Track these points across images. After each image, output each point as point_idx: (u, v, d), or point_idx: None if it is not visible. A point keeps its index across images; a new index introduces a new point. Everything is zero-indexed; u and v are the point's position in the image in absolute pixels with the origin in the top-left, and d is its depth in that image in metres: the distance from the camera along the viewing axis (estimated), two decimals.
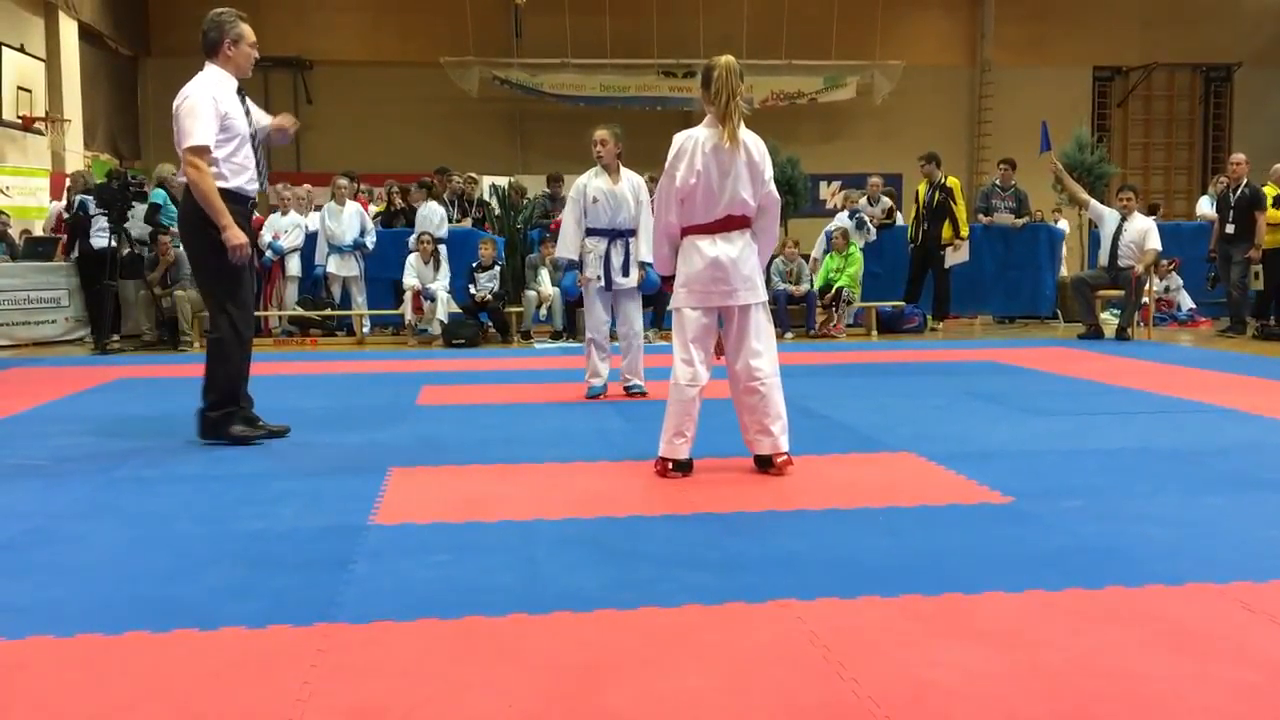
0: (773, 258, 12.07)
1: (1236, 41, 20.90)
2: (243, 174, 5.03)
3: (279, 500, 3.96)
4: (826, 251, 11.81)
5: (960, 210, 11.79)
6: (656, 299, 10.85)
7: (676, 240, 4.40)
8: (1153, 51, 20.88)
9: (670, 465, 4.29)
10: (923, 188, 12.00)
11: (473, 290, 10.82)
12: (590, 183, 6.51)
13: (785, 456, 4.34)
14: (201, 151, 4.86)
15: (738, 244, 4.31)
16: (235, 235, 4.87)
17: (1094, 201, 11.27)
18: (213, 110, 4.91)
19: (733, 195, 4.28)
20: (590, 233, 6.53)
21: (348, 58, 19.45)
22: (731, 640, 2.54)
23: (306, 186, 12.78)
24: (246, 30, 5.13)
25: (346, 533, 3.48)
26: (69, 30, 15.41)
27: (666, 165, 4.34)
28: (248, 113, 5.12)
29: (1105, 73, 21.51)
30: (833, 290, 11.28)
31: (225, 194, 4.92)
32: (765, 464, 4.36)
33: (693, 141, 4.32)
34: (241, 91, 5.10)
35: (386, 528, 3.57)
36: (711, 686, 2.29)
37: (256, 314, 11.56)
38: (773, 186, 4.39)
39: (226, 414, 5.07)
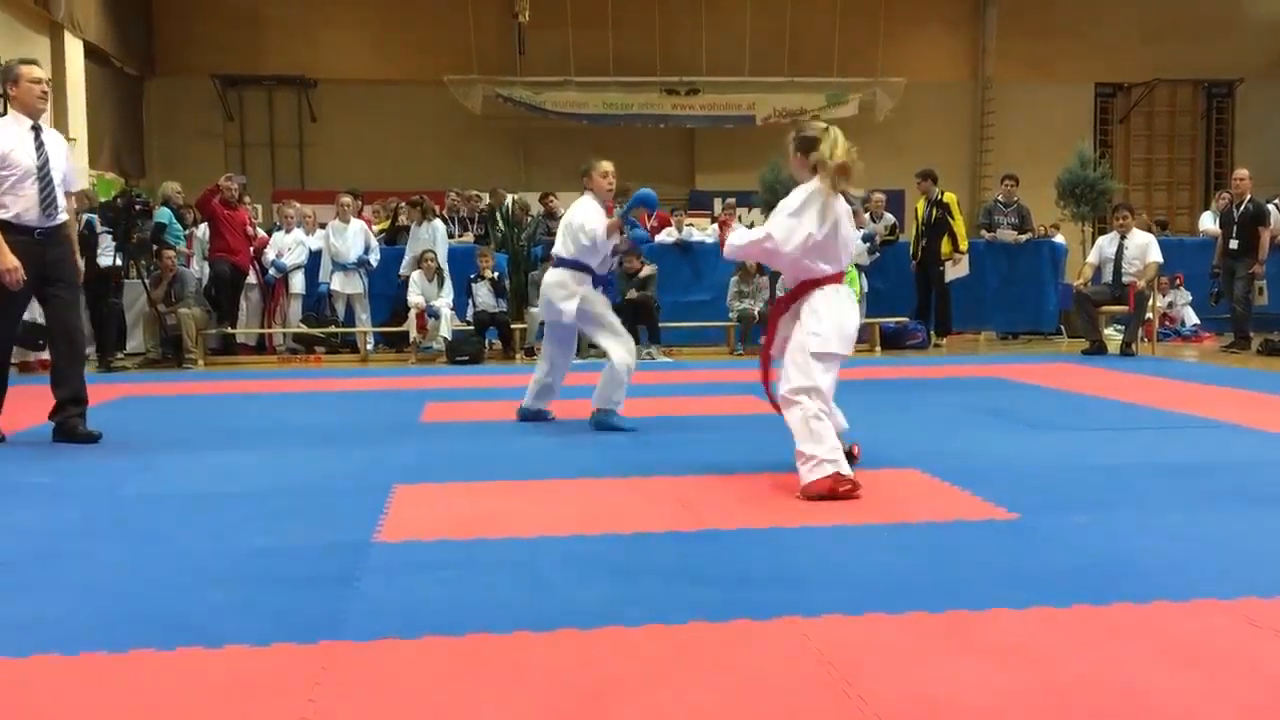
0: (779, 275, 12.08)
1: (1238, 57, 20.93)
2: (20, 204, 5.46)
3: (283, 517, 3.95)
4: None
5: (958, 225, 11.80)
6: (651, 317, 10.88)
7: (784, 270, 4.58)
8: (1155, 67, 20.91)
9: (841, 476, 4.21)
10: (921, 205, 12.03)
11: (473, 303, 10.89)
12: (602, 220, 5.95)
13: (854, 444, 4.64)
14: None
15: None
16: (5, 260, 5.31)
17: (1094, 253, 11.07)
18: None
19: (846, 247, 4.51)
20: (578, 268, 6.00)
21: (352, 76, 19.52)
22: (738, 657, 2.53)
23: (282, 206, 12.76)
24: (24, 70, 5.61)
25: (351, 550, 3.47)
26: (75, 50, 15.47)
27: (797, 207, 4.37)
28: (40, 147, 5.55)
29: (1107, 89, 21.54)
30: None
31: (4, 224, 5.40)
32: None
33: (820, 194, 4.38)
34: (37, 128, 5.59)
35: (391, 545, 3.56)
36: (717, 704, 2.28)
37: (261, 330, 11.70)
38: None
39: None
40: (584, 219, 5.95)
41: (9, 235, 5.39)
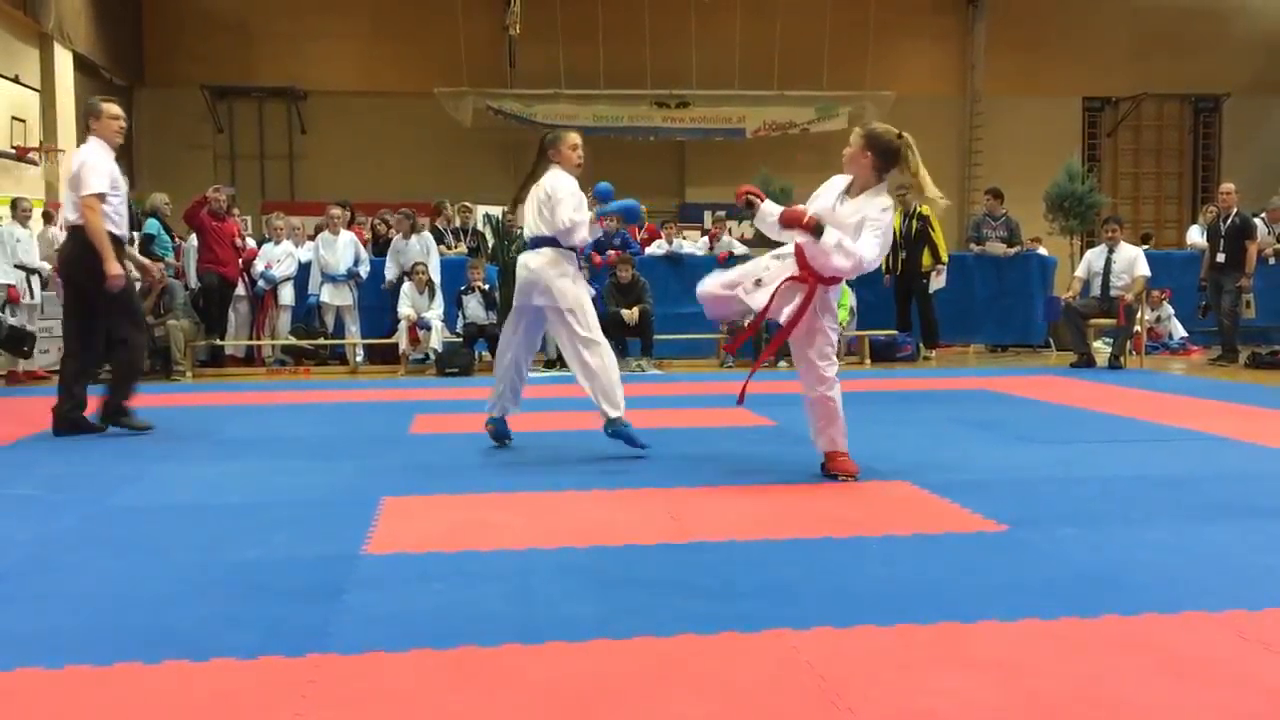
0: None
1: (1225, 72, 21.08)
2: (122, 221, 6.35)
3: (271, 529, 3.93)
4: None
5: (938, 237, 11.87)
6: (647, 329, 10.88)
7: (825, 265, 4.66)
8: (1142, 82, 21.04)
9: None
10: (898, 219, 12.08)
11: (463, 315, 10.88)
12: (584, 208, 5.42)
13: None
14: (99, 198, 6.04)
15: None
16: (115, 267, 6.05)
17: (1082, 266, 11.16)
18: (105, 168, 6.14)
19: None
20: (560, 247, 5.45)
21: (342, 87, 19.54)
22: (727, 670, 2.52)
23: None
24: (105, 108, 6.36)
25: (339, 562, 3.46)
26: (64, 61, 15.46)
27: (885, 228, 4.57)
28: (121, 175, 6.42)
29: (1095, 103, 21.67)
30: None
31: (110, 236, 6.12)
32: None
33: (891, 212, 4.65)
34: (117, 160, 6.37)
35: (379, 557, 3.55)
36: (707, 716, 2.27)
37: (250, 343, 11.68)
38: None
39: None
40: (564, 195, 5.29)
41: (115, 247, 6.16)
